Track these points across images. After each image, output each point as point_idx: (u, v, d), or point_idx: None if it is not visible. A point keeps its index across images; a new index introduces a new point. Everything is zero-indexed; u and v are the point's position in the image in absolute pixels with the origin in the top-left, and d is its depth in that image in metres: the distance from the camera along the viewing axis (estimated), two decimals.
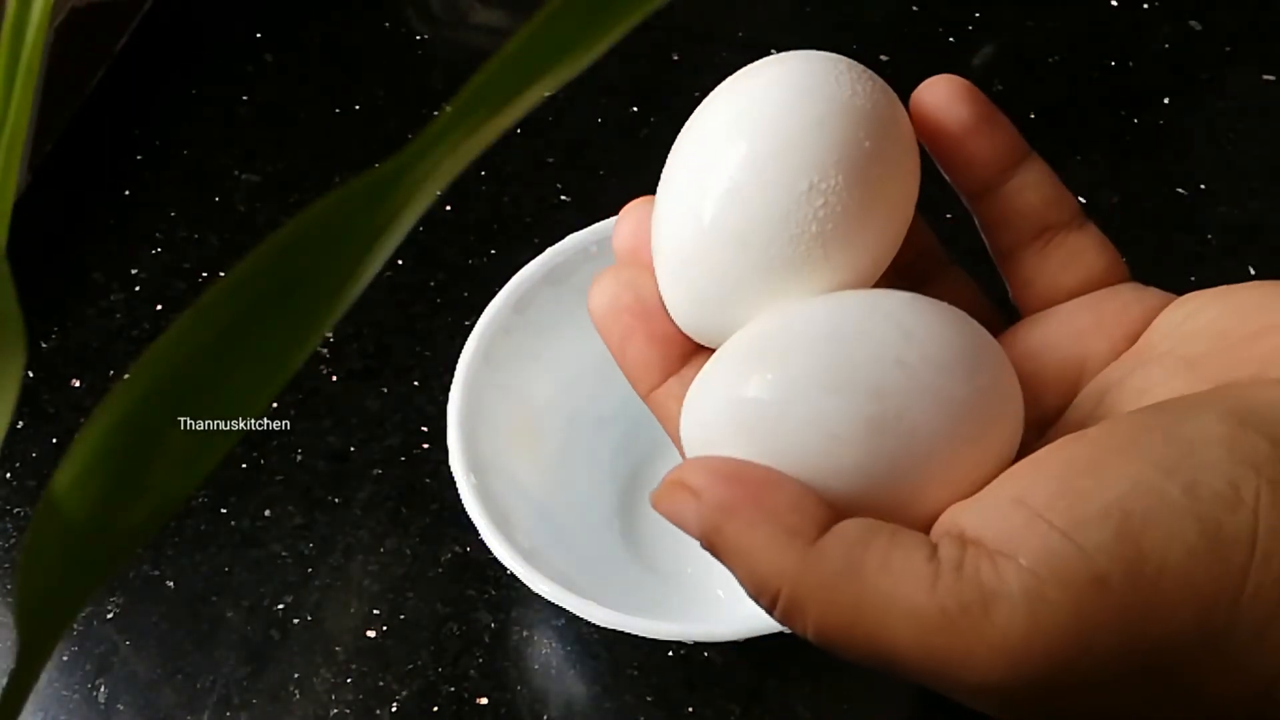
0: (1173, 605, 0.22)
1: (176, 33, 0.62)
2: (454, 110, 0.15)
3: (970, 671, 0.23)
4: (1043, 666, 0.23)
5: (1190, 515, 0.22)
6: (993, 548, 0.23)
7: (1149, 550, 0.22)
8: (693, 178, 0.27)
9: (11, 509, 0.48)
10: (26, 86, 0.20)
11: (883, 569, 0.23)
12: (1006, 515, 0.24)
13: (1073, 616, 0.22)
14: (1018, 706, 0.24)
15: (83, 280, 0.54)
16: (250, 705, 0.43)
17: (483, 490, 0.40)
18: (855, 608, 0.23)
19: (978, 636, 0.23)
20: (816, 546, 0.24)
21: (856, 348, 0.25)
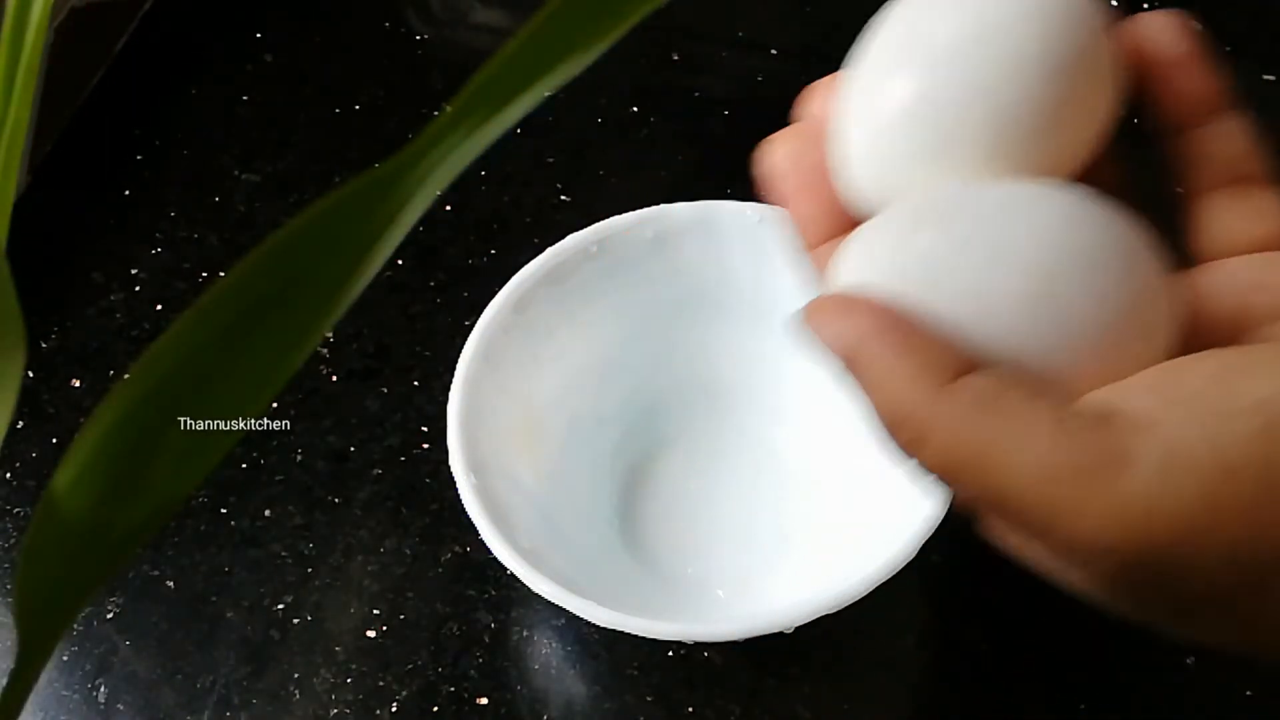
0: None
1: (176, 33, 0.62)
2: (454, 110, 0.15)
3: (1083, 528, 0.23)
4: (1158, 541, 0.22)
5: None
6: (1132, 420, 0.23)
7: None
8: (896, 54, 0.28)
9: (11, 509, 0.48)
10: (26, 86, 0.20)
11: (1015, 415, 0.24)
12: (1152, 394, 0.24)
13: (1198, 501, 0.22)
14: (1115, 581, 0.24)
15: (83, 280, 0.54)
16: (250, 705, 0.43)
17: (483, 490, 0.40)
18: (981, 446, 0.23)
19: (1101, 495, 0.23)
20: (953, 384, 0.24)
21: (1022, 228, 0.26)
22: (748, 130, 0.35)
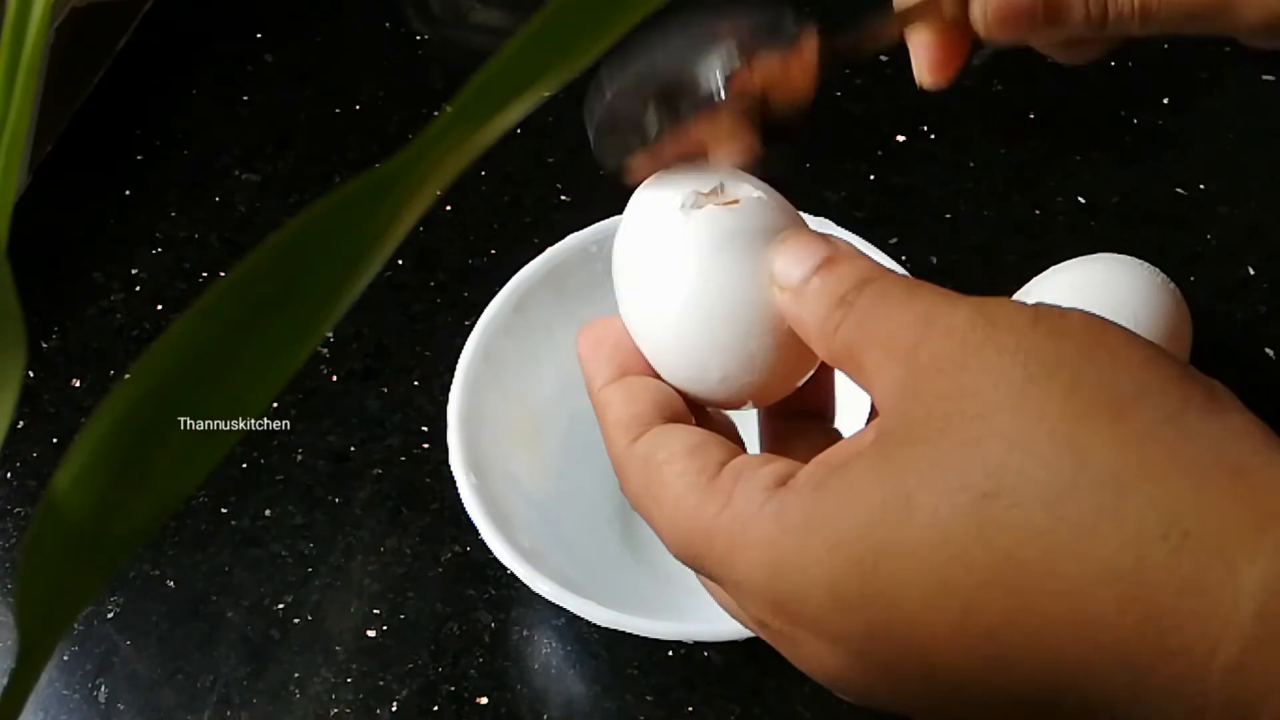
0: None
1: (176, 33, 0.62)
2: (454, 110, 0.15)
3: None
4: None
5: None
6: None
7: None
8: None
9: (11, 509, 0.48)
10: (26, 86, 0.20)
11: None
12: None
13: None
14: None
15: (83, 280, 0.54)
16: (250, 705, 0.43)
17: (483, 490, 0.40)
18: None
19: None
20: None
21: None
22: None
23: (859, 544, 0.24)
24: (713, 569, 0.26)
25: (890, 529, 0.23)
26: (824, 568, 0.24)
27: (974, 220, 0.54)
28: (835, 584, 0.24)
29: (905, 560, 0.23)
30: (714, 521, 0.26)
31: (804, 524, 0.24)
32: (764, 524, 0.25)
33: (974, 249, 0.53)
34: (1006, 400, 0.23)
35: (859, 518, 0.24)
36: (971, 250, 0.53)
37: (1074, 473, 0.22)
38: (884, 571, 0.23)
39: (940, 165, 0.56)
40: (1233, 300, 0.52)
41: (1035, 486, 0.22)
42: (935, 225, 0.54)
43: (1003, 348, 0.24)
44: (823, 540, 0.24)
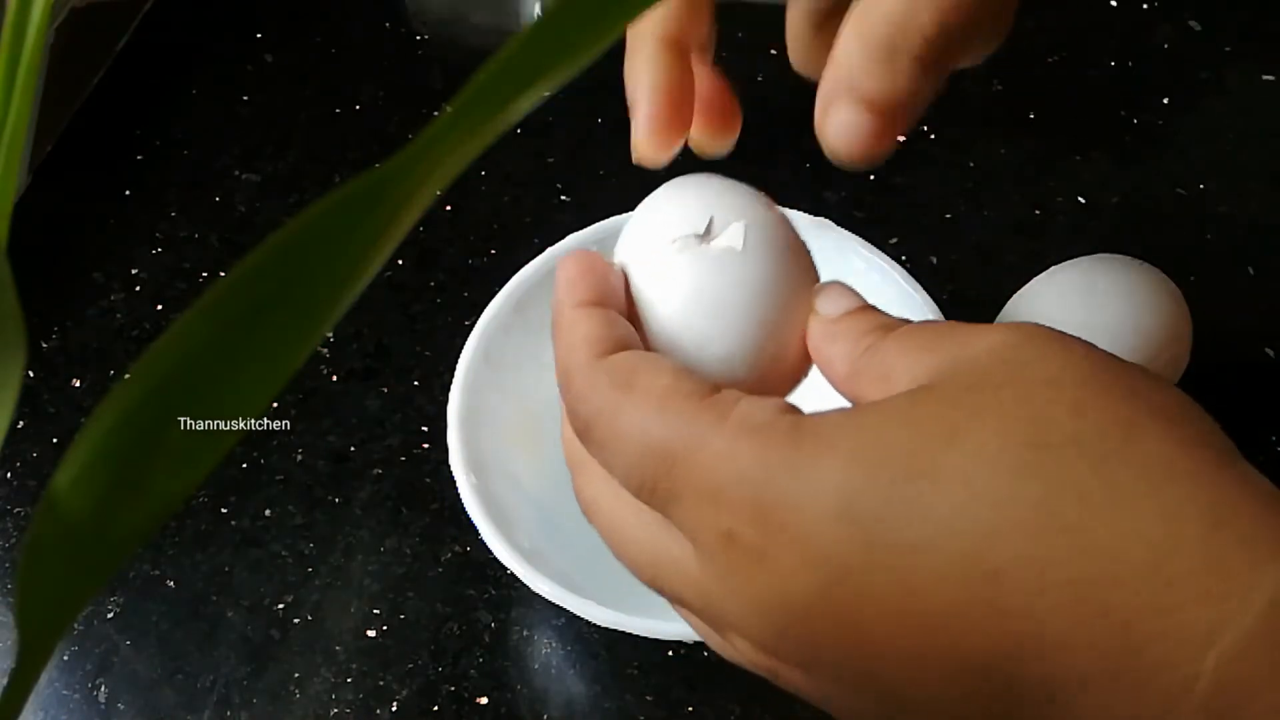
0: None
1: (176, 33, 0.62)
2: (454, 110, 0.15)
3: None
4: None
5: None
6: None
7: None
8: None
9: (11, 509, 0.48)
10: (26, 86, 0.20)
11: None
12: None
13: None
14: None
15: (83, 280, 0.54)
16: (250, 705, 0.43)
17: (483, 490, 0.40)
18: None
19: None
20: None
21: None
22: (749, 129, 0.35)
23: (891, 465, 0.23)
24: (682, 477, 0.25)
25: (928, 458, 0.22)
26: (839, 478, 0.23)
27: (974, 220, 0.54)
28: (850, 495, 0.23)
29: (938, 492, 0.22)
30: (708, 428, 0.24)
31: (825, 439, 0.23)
32: (776, 431, 0.24)
33: (974, 249, 0.53)
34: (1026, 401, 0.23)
35: (896, 440, 0.23)
36: (971, 250, 0.53)
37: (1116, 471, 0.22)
38: (910, 498, 0.22)
39: (940, 165, 0.56)
40: (1233, 300, 0.52)
41: (1075, 465, 0.22)
42: (935, 225, 0.54)
43: (1032, 386, 0.23)
44: (846, 452, 0.23)
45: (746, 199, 0.30)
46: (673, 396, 0.25)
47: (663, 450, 0.25)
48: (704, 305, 0.29)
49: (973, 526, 0.22)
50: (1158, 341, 0.43)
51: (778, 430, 0.24)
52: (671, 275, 0.29)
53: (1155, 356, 0.44)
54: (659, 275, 0.29)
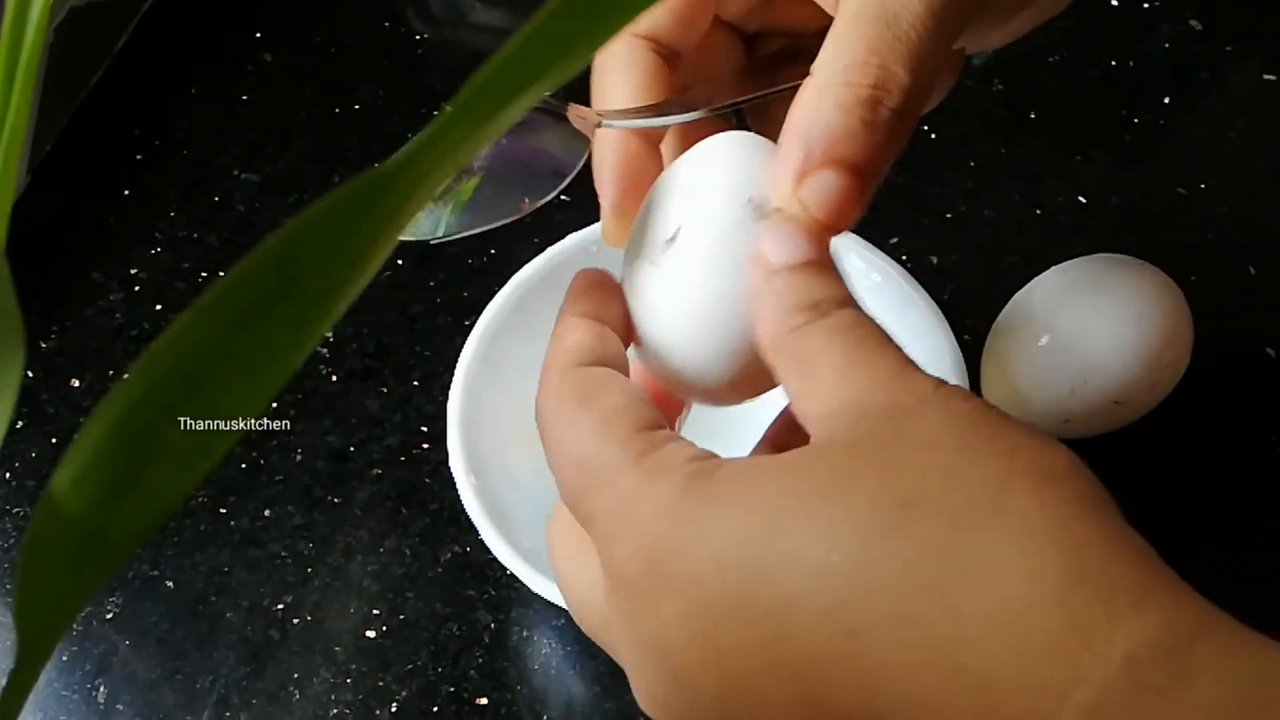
0: None
1: (176, 33, 0.62)
2: (454, 110, 0.15)
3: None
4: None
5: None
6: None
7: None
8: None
9: (11, 509, 0.48)
10: (26, 86, 0.20)
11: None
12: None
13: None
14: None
15: (83, 280, 0.54)
16: (250, 705, 0.43)
17: (483, 490, 0.40)
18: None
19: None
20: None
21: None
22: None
23: (769, 521, 0.23)
24: (595, 503, 0.26)
25: (804, 517, 0.23)
26: (720, 529, 0.24)
27: (974, 220, 0.54)
28: (727, 548, 0.23)
29: (800, 551, 0.23)
30: (628, 463, 0.25)
31: (718, 491, 0.24)
32: (678, 478, 0.25)
33: (974, 249, 0.53)
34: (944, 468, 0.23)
35: (778, 498, 0.24)
36: (971, 250, 0.53)
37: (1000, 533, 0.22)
38: (783, 553, 0.23)
39: (940, 165, 0.56)
40: (1233, 300, 0.52)
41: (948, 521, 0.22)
42: (935, 225, 0.54)
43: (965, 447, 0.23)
44: (731, 507, 0.24)
45: (733, 183, 0.30)
46: (616, 421, 0.26)
47: (588, 470, 0.26)
48: (665, 317, 0.29)
49: (836, 584, 0.22)
50: (1158, 341, 0.43)
51: (679, 477, 0.25)
52: (639, 287, 0.30)
53: (1155, 356, 0.44)
54: (633, 287, 0.30)
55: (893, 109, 0.28)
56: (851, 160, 0.28)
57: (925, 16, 0.28)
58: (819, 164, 0.28)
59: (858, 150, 0.28)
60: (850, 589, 0.22)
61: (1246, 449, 0.47)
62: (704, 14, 0.33)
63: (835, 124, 0.28)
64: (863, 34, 0.28)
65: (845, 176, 0.28)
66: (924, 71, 0.28)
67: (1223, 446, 0.47)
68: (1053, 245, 0.51)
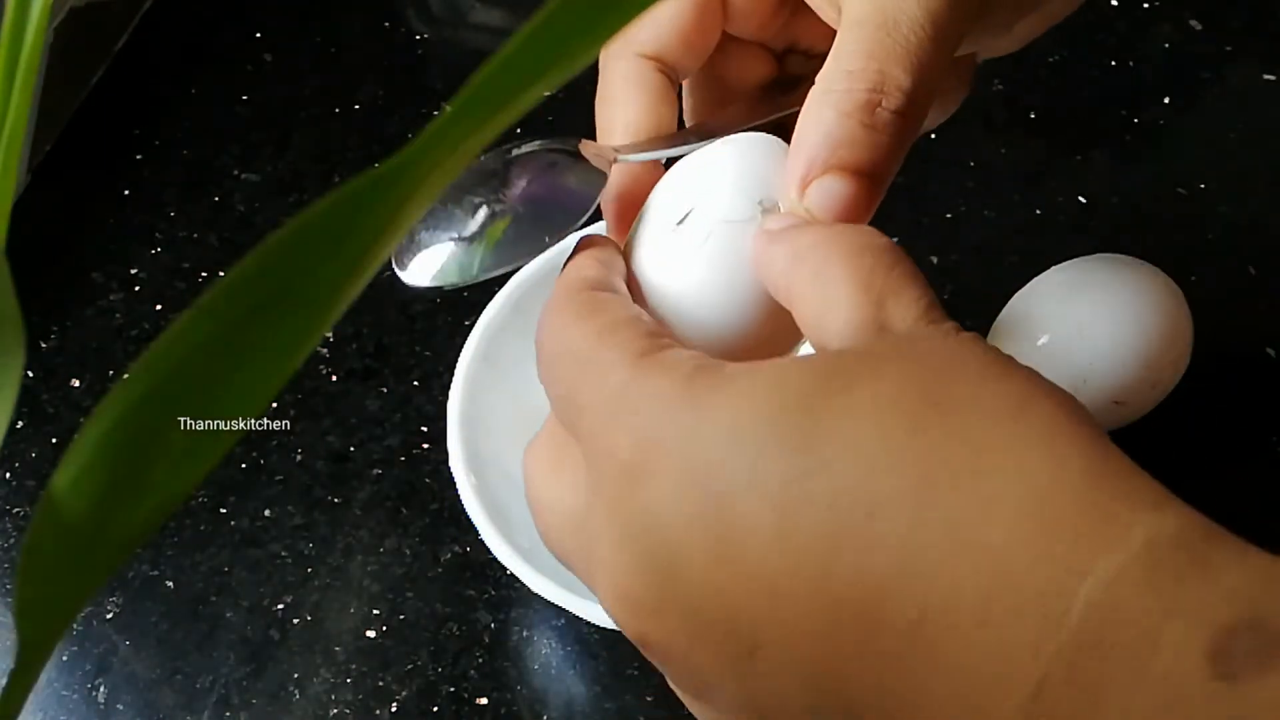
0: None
1: (176, 33, 0.62)
2: (454, 110, 0.15)
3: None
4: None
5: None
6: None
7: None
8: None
9: (11, 509, 0.48)
10: (26, 86, 0.20)
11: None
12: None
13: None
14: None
15: (83, 280, 0.54)
16: (250, 705, 0.43)
17: (483, 490, 0.40)
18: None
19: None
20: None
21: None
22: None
23: (783, 403, 0.23)
24: (590, 393, 0.26)
25: (821, 400, 0.23)
26: (730, 407, 0.23)
27: (974, 220, 0.54)
28: (738, 424, 0.23)
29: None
30: (631, 358, 0.25)
31: (725, 378, 0.24)
32: (682, 368, 0.25)
33: (974, 249, 0.53)
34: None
35: (792, 383, 0.24)
36: (971, 250, 0.53)
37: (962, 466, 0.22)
38: (797, 431, 0.23)
39: (940, 165, 0.56)
40: (1233, 300, 0.52)
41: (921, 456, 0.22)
42: (935, 225, 0.54)
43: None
44: (741, 388, 0.24)
45: (742, 182, 0.30)
46: (621, 328, 0.26)
47: (585, 365, 0.26)
48: (669, 291, 0.29)
49: (856, 464, 0.22)
50: (1158, 341, 0.43)
51: (684, 370, 0.25)
52: (642, 262, 0.30)
53: (1155, 356, 0.44)
54: (637, 262, 0.30)
55: (893, 110, 0.28)
56: (854, 164, 0.28)
57: (924, 21, 0.28)
58: (821, 170, 0.28)
59: (860, 154, 0.28)
60: (871, 469, 0.22)
61: (1246, 449, 0.47)
62: (708, 36, 0.33)
63: (835, 130, 0.28)
64: (862, 41, 0.28)
65: (849, 181, 0.28)
66: (925, 74, 0.28)
67: (1223, 446, 0.47)
68: (1053, 245, 0.51)
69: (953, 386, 0.23)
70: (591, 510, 0.25)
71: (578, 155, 0.33)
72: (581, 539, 0.26)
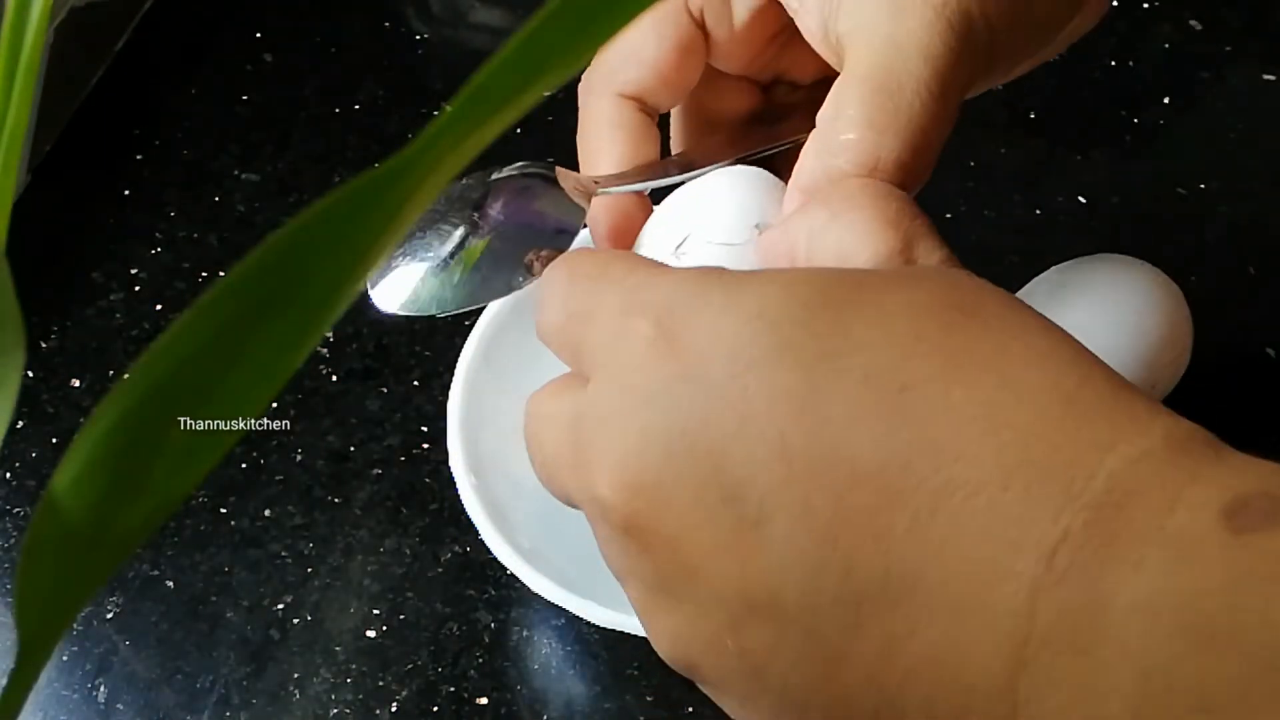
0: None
1: (176, 33, 0.62)
2: (454, 110, 0.15)
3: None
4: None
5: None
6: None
7: None
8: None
9: (11, 509, 0.48)
10: (26, 86, 0.20)
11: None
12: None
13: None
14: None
15: (83, 280, 0.54)
16: (250, 705, 0.43)
17: (483, 490, 0.40)
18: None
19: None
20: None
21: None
22: None
23: (814, 290, 0.24)
24: (602, 295, 0.26)
25: (854, 291, 0.24)
26: (759, 290, 0.24)
27: (974, 220, 0.54)
28: (768, 304, 0.23)
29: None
30: (646, 266, 0.26)
31: (750, 273, 0.25)
32: (705, 267, 0.25)
33: (974, 249, 0.53)
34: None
35: (822, 277, 0.24)
36: (971, 250, 0.53)
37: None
38: (830, 315, 0.23)
39: (940, 165, 0.56)
40: (1233, 300, 0.52)
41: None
42: (935, 225, 0.54)
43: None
44: (769, 277, 0.24)
45: (740, 212, 0.30)
46: (630, 254, 0.28)
47: (596, 278, 0.26)
48: None
49: (889, 348, 0.22)
50: (1158, 341, 0.43)
51: (704, 268, 0.25)
52: None
53: (1155, 356, 0.44)
54: None
55: (889, 183, 0.29)
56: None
57: (929, 80, 0.28)
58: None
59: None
60: (904, 353, 0.22)
61: (1246, 449, 0.47)
62: (689, 75, 0.34)
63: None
64: (862, 105, 0.28)
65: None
66: (926, 141, 0.29)
67: None
68: (1053, 245, 0.51)
69: (984, 304, 0.23)
70: (596, 399, 0.25)
71: (554, 181, 0.33)
72: (578, 434, 0.25)
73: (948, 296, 0.23)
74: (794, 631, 0.22)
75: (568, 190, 0.32)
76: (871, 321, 0.23)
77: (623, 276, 0.26)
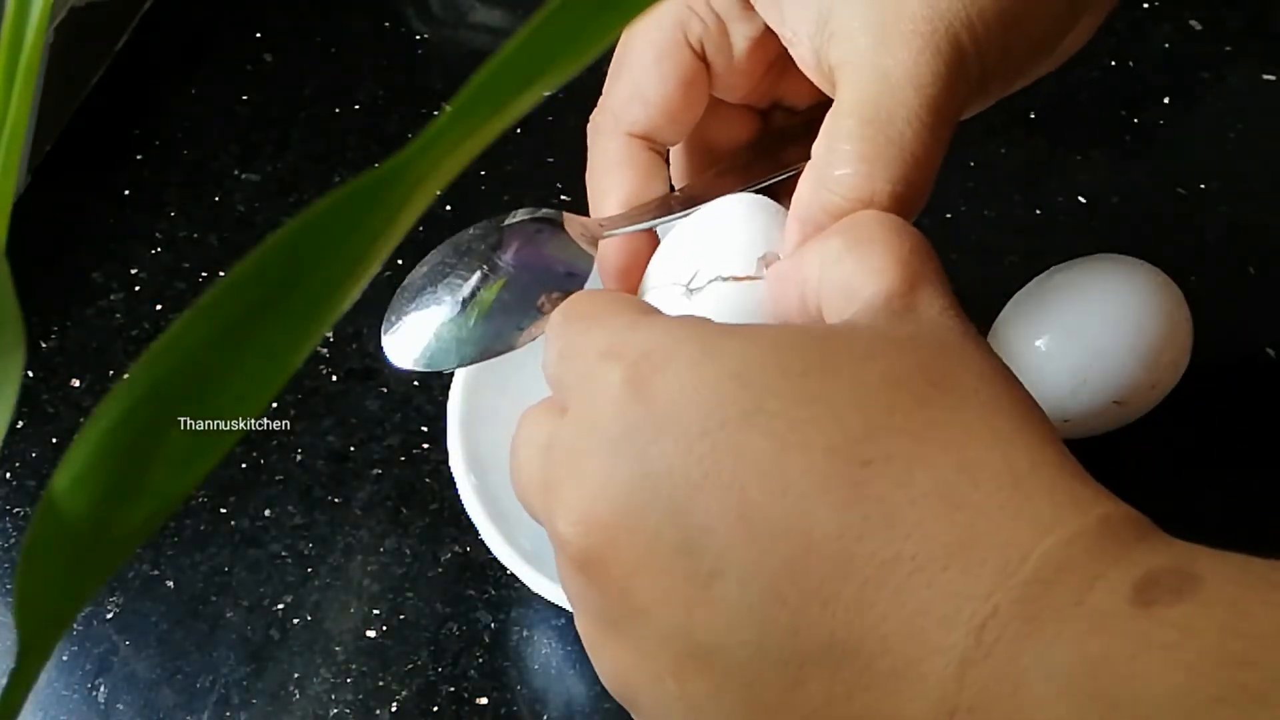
0: None
1: (176, 33, 0.62)
2: (454, 110, 0.15)
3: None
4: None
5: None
6: None
7: None
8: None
9: (11, 509, 0.48)
10: (26, 86, 0.20)
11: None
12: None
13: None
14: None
15: (83, 280, 0.54)
16: (250, 705, 0.43)
17: (483, 490, 0.40)
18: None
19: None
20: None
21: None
22: None
23: (793, 355, 0.24)
24: (589, 335, 0.27)
25: (832, 358, 0.25)
26: (738, 348, 0.24)
27: (974, 220, 0.54)
28: (747, 364, 0.24)
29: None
30: (636, 313, 0.27)
31: (732, 327, 0.26)
32: (689, 318, 0.26)
33: (974, 249, 0.53)
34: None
35: (802, 340, 0.25)
36: (971, 250, 0.53)
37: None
38: (804, 382, 0.24)
39: (941, 165, 0.56)
40: (1233, 300, 0.52)
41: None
42: (935, 225, 0.54)
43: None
44: (750, 334, 0.25)
45: (748, 247, 0.31)
46: (628, 298, 0.29)
47: (588, 315, 0.27)
48: None
49: (859, 421, 0.23)
50: (1158, 341, 0.43)
51: (690, 317, 0.26)
52: None
53: (1155, 357, 0.44)
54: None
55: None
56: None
57: (922, 112, 0.28)
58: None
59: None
60: (873, 426, 0.23)
61: (1246, 449, 0.48)
62: (695, 109, 0.34)
63: (826, 226, 0.29)
64: (855, 140, 0.29)
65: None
66: (919, 172, 0.29)
67: (1223, 446, 0.47)
68: (1053, 245, 0.51)
69: (961, 378, 0.24)
70: (565, 432, 0.26)
71: (563, 226, 0.33)
72: (548, 461, 0.27)
73: (927, 369, 0.24)
74: (735, 682, 0.23)
75: (574, 237, 0.33)
76: (846, 394, 0.24)
77: (610, 319, 0.27)
